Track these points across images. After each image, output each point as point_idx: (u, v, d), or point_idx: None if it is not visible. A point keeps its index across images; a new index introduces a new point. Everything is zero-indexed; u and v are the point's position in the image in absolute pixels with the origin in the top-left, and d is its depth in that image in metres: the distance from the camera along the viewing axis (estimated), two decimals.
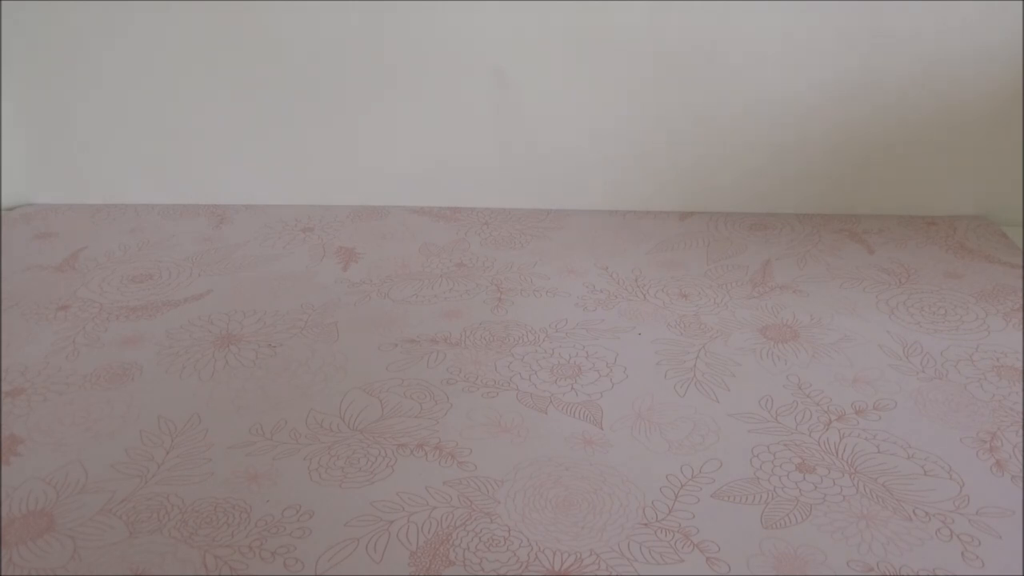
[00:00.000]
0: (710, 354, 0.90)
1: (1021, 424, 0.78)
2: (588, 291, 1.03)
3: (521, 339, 0.93)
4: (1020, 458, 0.74)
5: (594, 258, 1.11)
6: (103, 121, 1.24)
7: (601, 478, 0.72)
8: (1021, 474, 0.72)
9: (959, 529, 0.66)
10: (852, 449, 0.75)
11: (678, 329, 0.94)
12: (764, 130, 1.17)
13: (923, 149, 1.17)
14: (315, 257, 1.13)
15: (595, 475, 0.72)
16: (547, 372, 0.87)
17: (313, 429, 0.79)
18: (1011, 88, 1.12)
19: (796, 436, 0.77)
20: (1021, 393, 0.82)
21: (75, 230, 1.21)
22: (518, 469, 0.73)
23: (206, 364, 0.89)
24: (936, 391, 0.83)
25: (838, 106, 1.14)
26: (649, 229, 1.19)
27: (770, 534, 0.66)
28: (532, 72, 1.17)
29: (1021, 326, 0.93)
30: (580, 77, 1.16)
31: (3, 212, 1.28)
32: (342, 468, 0.74)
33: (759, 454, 0.75)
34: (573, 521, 0.68)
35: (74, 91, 1.22)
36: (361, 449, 0.76)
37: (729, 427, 0.78)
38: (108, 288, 1.05)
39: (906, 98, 1.13)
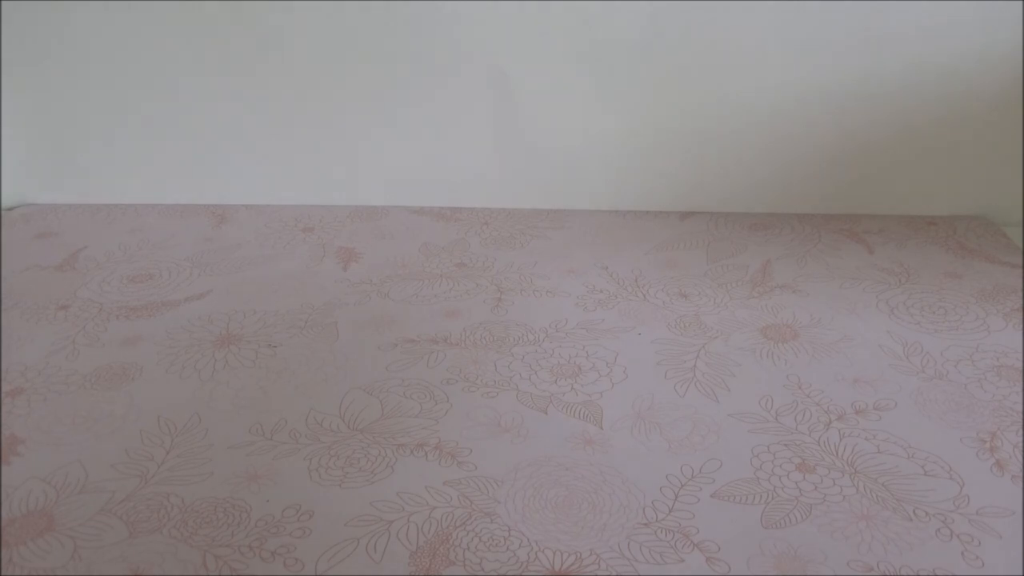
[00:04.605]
0: (710, 354, 0.90)
1: (1021, 424, 0.78)
2: (588, 291, 1.03)
3: (521, 339, 0.93)
4: (1020, 458, 0.74)
5: (594, 258, 1.11)
6: (103, 121, 1.24)
7: (601, 478, 0.72)
8: (1021, 474, 0.72)
9: (959, 529, 0.66)
10: (852, 449, 0.75)
11: (678, 329, 0.94)
12: (764, 130, 1.17)
13: (923, 149, 1.17)
14: (315, 257, 1.13)
15: (595, 475, 0.72)
16: (547, 372, 0.87)
17: (313, 429, 0.79)
18: (1011, 88, 1.12)
19: (796, 436, 0.77)
20: (1021, 393, 0.82)
21: (75, 230, 1.21)
22: (518, 469, 0.73)
23: (206, 364, 0.89)
24: (936, 391, 0.83)
25: (838, 106, 1.14)
26: (649, 229, 1.19)
27: (770, 534, 0.66)
28: (532, 72, 1.17)
29: (1021, 326, 0.93)
30: (580, 77, 1.16)
31: (3, 212, 1.28)
32: (342, 468, 0.74)
33: (759, 454, 0.75)
34: (573, 521, 0.68)
35: (74, 91, 1.22)
36: (361, 449, 0.76)
37: (729, 427, 0.78)
38: (108, 288, 1.05)
39: (906, 98, 1.13)
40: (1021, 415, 0.79)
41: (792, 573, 0.63)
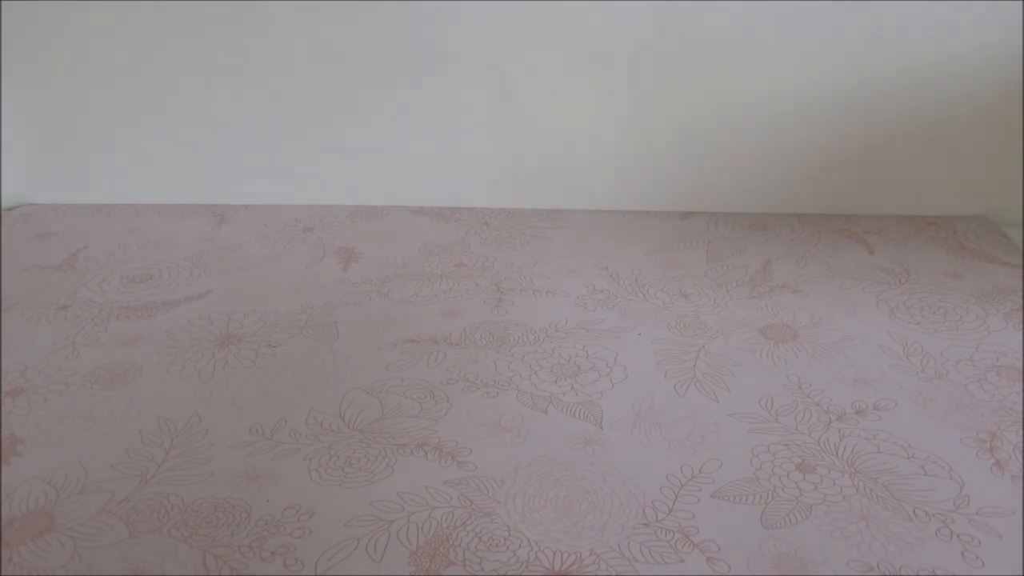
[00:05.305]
0: (710, 354, 0.90)
1: (1021, 424, 0.78)
2: (588, 291, 1.03)
3: (521, 339, 0.93)
4: (1020, 458, 0.74)
5: (594, 258, 1.11)
6: (103, 121, 1.24)
7: (601, 478, 0.72)
8: (1021, 474, 0.72)
9: (959, 529, 0.66)
10: (852, 449, 0.75)
11: (678, 329, 0.94)
12: (764, 130, 1.17)
13: (923, 149, 1.17)
14: (315, 257, 1.13)
15: (595, 475, 0.72)
16: (547, 372, 0.87)
17: (313, 429, 0.79)
18: (1011, 88, 1.12)
19: (796, 436, 0.77)
20: (1021, 393, 0.82)
21: (75, 230, 1.21)
22: (518, 469, 0.73)
23: (206, 364, 0.89)
24: (936, 391, 0.83)
25: (838, 106, 1.14)
26: (649, 229, 1.19)
27: (770, 534, 0.66)
28: (532, 72, 1.17)
29: (1021, 326, 0.93)
30: (580, 77, 1.16)
31: (3, 212, 1.28)
32: (342, 468, 0.74)
33: (759, 454, 0.75)
34: (573, 521, 0.68)
35: (74, 91, 1.22)
36: (361, 449, 0.76)
37: (729, 427, 0.78)
38: (108, 288, 1.05)
39: (906, 98, 1.13)
40: (1021, 415, 0.79)
41: (792, 573, 0.63)
